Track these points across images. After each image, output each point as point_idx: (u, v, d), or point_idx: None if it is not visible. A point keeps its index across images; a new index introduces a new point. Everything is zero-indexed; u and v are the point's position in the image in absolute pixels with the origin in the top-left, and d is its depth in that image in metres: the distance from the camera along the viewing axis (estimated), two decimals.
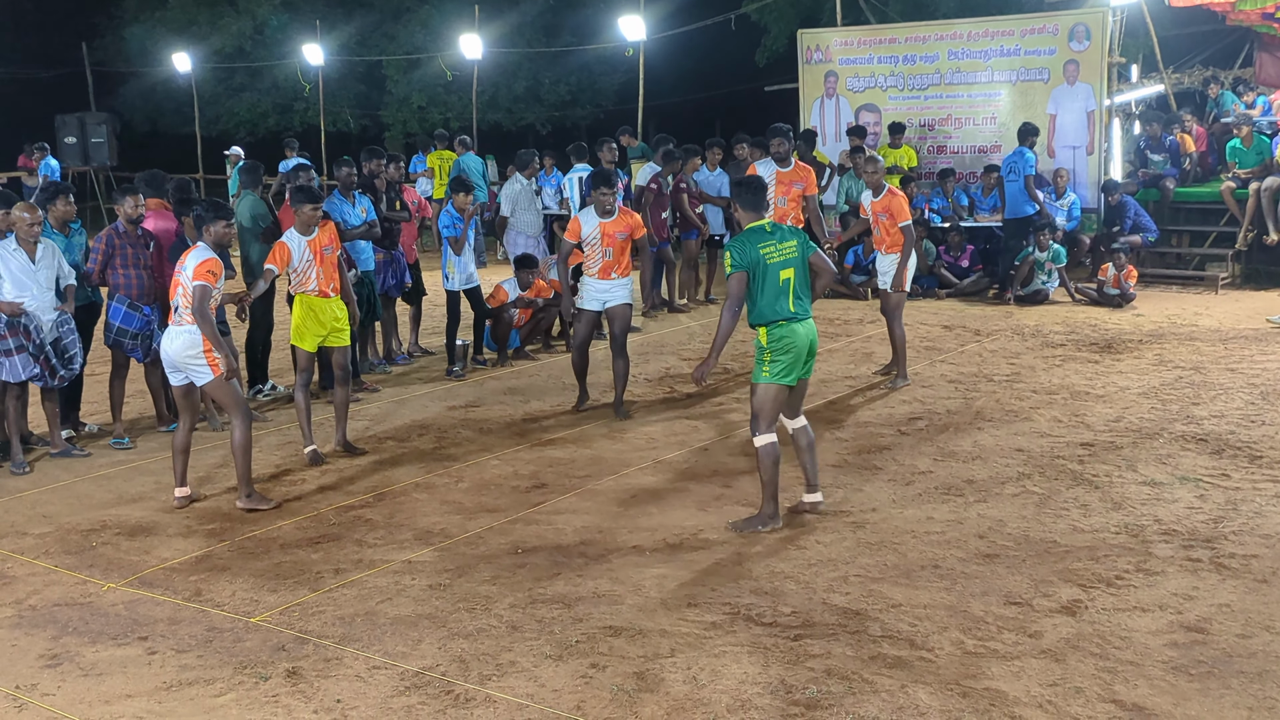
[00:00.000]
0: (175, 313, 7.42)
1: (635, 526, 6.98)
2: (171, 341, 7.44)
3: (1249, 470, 7.61)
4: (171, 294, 7.50)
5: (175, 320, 7.42)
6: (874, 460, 8.14)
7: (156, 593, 6.21)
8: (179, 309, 7.39)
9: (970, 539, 6.60)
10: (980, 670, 5.03)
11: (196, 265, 7.35)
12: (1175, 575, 6.00)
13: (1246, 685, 4.84)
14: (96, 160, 26.23)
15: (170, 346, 7.44)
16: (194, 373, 7.45)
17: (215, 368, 7.42)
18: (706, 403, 9.91)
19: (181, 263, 7.48)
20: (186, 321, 7.35)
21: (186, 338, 7.37)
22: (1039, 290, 14.23)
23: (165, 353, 7.52)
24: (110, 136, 26.38)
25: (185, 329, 7.37)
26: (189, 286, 7.33)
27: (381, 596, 6.04)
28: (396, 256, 11.62)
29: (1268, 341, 11.47)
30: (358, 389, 10.61)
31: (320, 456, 8.53)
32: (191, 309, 7.31)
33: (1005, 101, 15.93)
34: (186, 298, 7.34)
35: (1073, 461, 7.93)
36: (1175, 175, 15.60)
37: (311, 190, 8.62)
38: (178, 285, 7.43)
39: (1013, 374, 10.51)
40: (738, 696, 4.85)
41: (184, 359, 7.41)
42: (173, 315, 7.46)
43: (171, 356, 7.46)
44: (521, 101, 29.84)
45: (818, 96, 17.37)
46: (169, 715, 4.89)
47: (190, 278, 7.33)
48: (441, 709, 4.85)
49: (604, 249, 9.45)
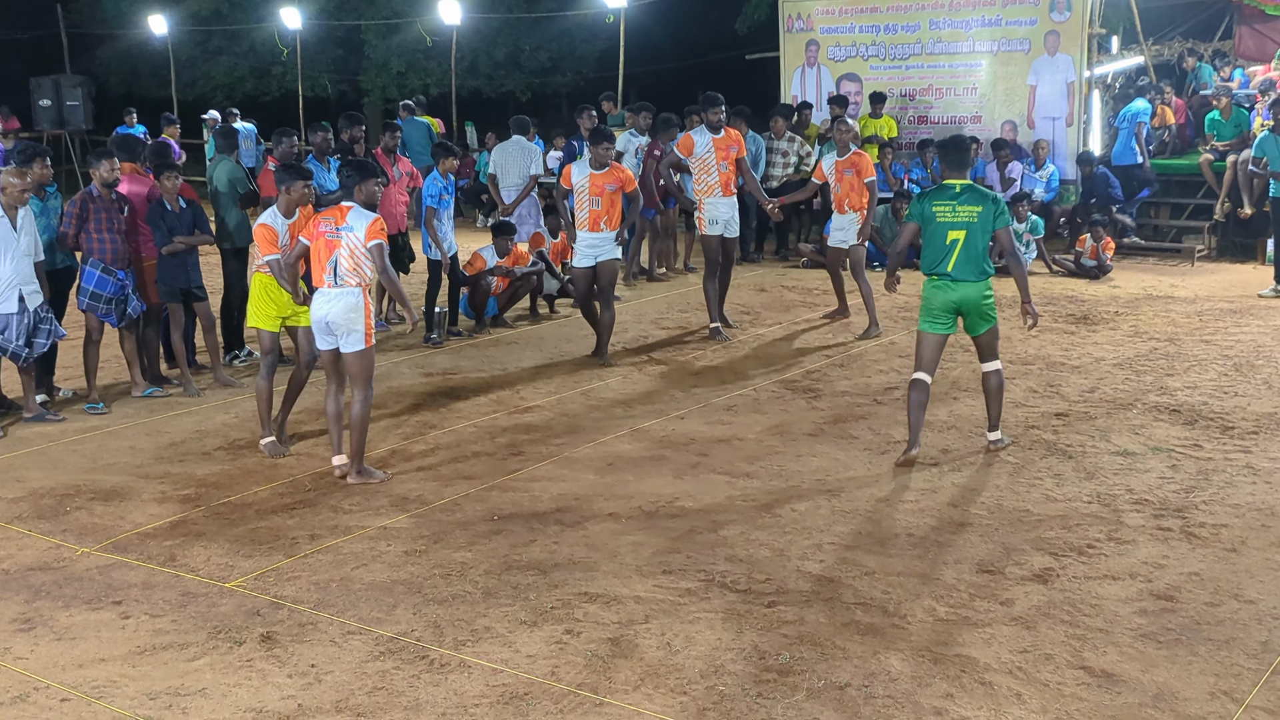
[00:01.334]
0: (331, 275, 7.12)
1: (611, 494, 7.00)
2: (331, 304, 7.14)
3: (1220, 441, 7.67)
4: (324, 256, 7.15)
5: (331, 283, 7.12)
6: (850, 429, 8.17)
7: (130, 558, 6.21)
8: (338, 271, 7.10)
9: (944, 507, 6.64)
10: (952, 637, 5.07)
11: (368, 226, 7.10)
12: (1146, 544, 6.05)
13: (1213, 652, 4.90)
14: (72, 123, 25.98)
15: (330, 309, 7.14)
16: (349, 336, 7.17)
17: (369, 338, 7.22)
18: (684, 371, 9.93)
19: (337, 223, 7.12)
20: (350, 284, 7.10)
21: (350, 300, 7.12)
22: None
23: (322, 316, 7.18)
24: (85, 99, 26.13)
25: (348, 291, 7.11)
26: (359, 248, 7.08)
27: (357, 562, 6.04)
28: None
29: (1242, 314, 11.54)
30: None
31: (279, 448, 7.96)
32: (376, 269, 7.12)
33: (986, 72, 15.93)
34: (353, 259, 7.09)
35: (1047, 431, 7.98)
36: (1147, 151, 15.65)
37: (302, 168, 8.37)
38: (333, 247, 7.10)
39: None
40: (711, 662, 4.88)
41: (345, 321, 7.13)
42: (324, 278, 7.15)
43: (330, 319, 7.15)
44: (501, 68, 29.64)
45: (799, 65, 17.33)
46: (143, 679, 4.90)
47: (363, 239, 7.07)
48: (416, 674, 4.87)
49: (592, 198, 10.04)
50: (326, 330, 7.23)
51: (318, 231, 7.21)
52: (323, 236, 7.18)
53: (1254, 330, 10.79)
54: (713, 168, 11.06)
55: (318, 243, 7.20)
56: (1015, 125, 15.63)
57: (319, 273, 7.19)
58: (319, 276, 7.20)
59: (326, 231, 7.17)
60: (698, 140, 11.13)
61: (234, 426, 8.59)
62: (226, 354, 10.48)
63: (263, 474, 7.53)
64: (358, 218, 7.14)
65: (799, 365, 10.02)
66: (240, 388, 9.67)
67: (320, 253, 7.18)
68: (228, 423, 8.70)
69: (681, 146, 11.25)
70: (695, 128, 11.78)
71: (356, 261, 7.11)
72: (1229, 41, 17.78)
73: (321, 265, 7.17)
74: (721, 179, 11.08)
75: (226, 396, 9.43)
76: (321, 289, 7.19)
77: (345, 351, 7.23)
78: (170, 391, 9.55)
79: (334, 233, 7.14)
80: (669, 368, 10.08)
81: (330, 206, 7.41)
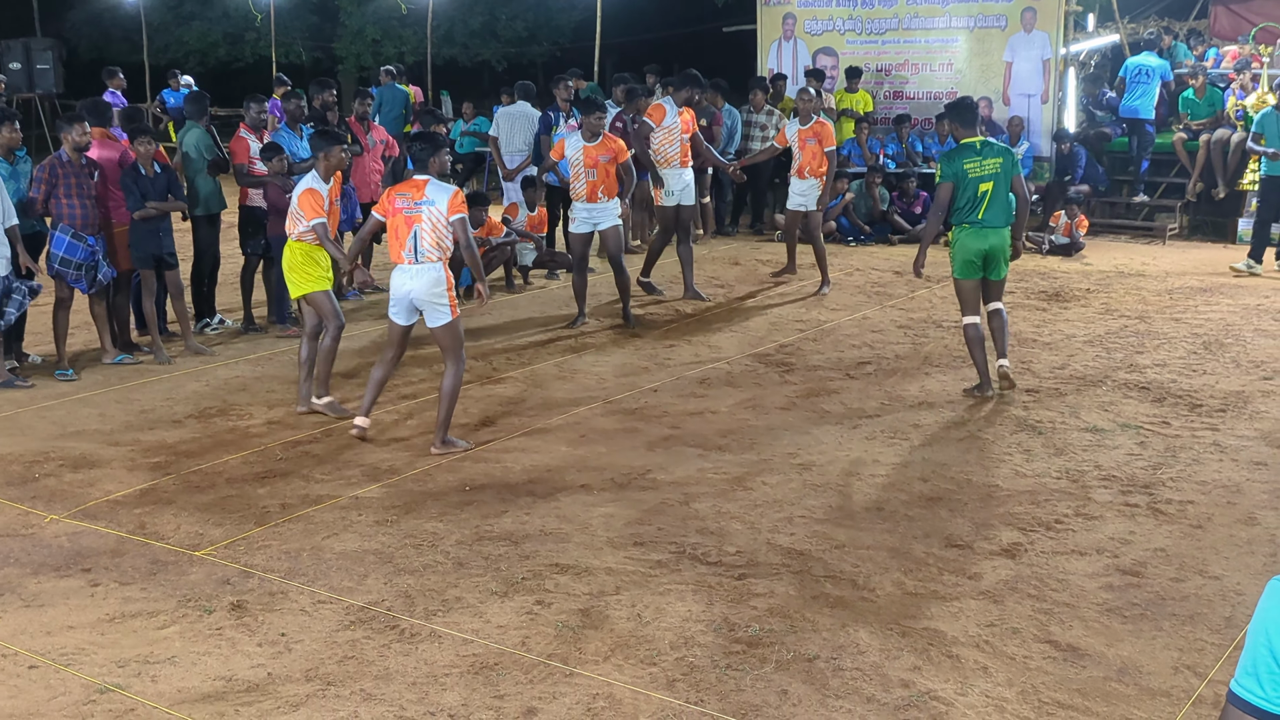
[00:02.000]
0: (412, 251, 7.02)
1: (584, 466, 7.01)
2: (415, 279, 7.05)
3: (1188, 418, 7.74)
4: (403, 232, 7.04)
5: (412, 259, 7.03)
6: (822, 404, 8.20)
7: (100, 525, 6.18)
8: (419, 247, 7.01)
9: (914, 482, 6.68)
10: (920, 610, 5.11)
11: (449, 199, 7.02)
12: (1113, 520, 6.11)
13: (1178, 627, 4.95)
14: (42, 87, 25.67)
15: (414, 285, 7.06)
16: (434, 311, 7.11)
17: (454, 309, 7.16)
18: (658, 345, 9.93)
19: (415, 198, 7.01)
20: (432, 259, 7.02)
21: (434, 274, 7.03)
22: None
23: (405, 293, 7.11)
24: (56, 63, 25.80)
25: (430, 266, 7.02)
26: (441, 221, 6.99)
27: (328, 532, 6.04)
28: (347, 191, 11.49)
29: (1212, 292, 11.62)
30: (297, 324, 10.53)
31: (341, 408, 7.99)
32: (459, 244, 7.04)
33: (962, 48, 15.92)
34: (436, 233, 6.99)
35: (1017, 407, 8.03)
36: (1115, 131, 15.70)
37: (337, 133, 8.28)
38: (412, 222, 6.99)
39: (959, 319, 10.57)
40: (681, 634, 4.90)
41: (429, 297, 7.06)
42: (402, 253, 7.05)
43: (413, 295, 7.09)
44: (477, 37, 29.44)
45: (776, 38, 17.28)
46: (111, 647, 4.88)
47: (446, 212, 6.99)
48: (386, 643, 4.87)
49: (587, 170, 10.23)
50: (408, 306, 7.18)
51: (394, 208, 7.08)
52: (400, 213, 7.05)
53: (1224, 309, 10.87)
54: (676, 139, 11.45)
55: (395, 219, 7.08)
56: (991, 102, 15.63)
57: (397, 249, 7.08)
58: (397, 253, 7.09)
59: (404, 207, 7.04)
60: (669, 111, 11.45)
61: (205, 395, 8.55)
62: (197, 322, 10.42)
63: (234, 443, 7.50)
64: (437, 191, 7.04)
65: (772, 339, 10.04)
66: (211, 355, 9.62)
67: (398, 229, 7.06)
68: (198, 390, 8.65)
69: (653, 115, 11.51)
70: (664, 98, 11.99)
71: (439, 235, 7.01)
72: (1204, 21, 17.83)
73: (400, 241, 7.06)
74: (682, 150, 11.54)
75: (198, 364, 9.38)
76: (401, 266, 7.09)
77: (433, 326, 7.18)
78: (141, 359, 9.50)
79: (413, 207, 7.02)
80: (643, 340, 10.08)
81: (403, 181, 7.28)
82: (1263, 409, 7.89)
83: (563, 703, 4.40)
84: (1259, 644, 2.12)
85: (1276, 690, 2.10)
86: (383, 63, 23.70)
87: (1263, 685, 2.11)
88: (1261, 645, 2.12)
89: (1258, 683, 2.12)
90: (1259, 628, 2.13)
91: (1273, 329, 10.06)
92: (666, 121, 11.38)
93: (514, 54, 30.72)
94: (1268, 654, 2.10)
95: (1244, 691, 2.14)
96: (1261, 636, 2.12)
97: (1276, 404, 7.99)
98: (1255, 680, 2.12)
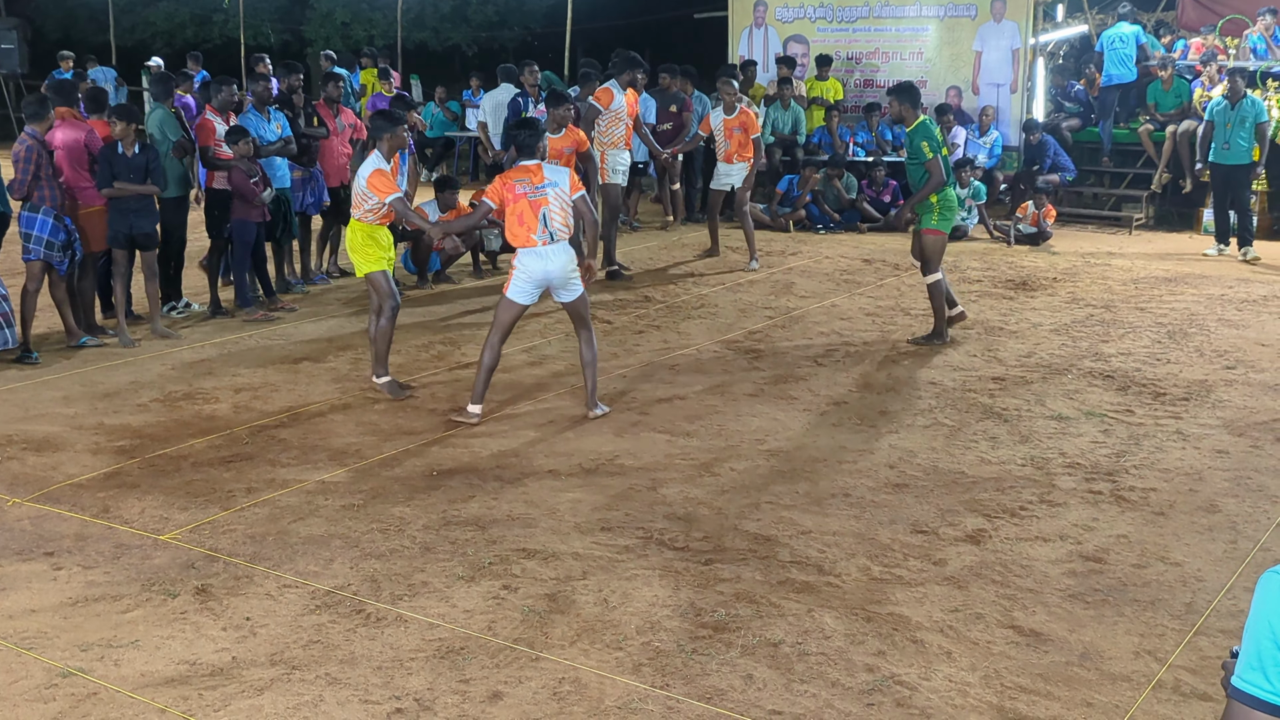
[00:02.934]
0: (545, 232, 7.23)
1: (551, 451, 7.00)
2: (553, 259, 7.29)
3: (1152, 407, 7.80)
4: (530, 216, 7.22)
5: (546, 239, 7.24)
6: (790, 390, 8.22)
7: (63, 509, 6.13)
8: (552, 227, 7.24)
9: (881, 469, 6.71)
10: (885, 596, 5.14)
11: (570, 178, 7.39)
12: (1077, 507, 6.15)
13: (1139, 613, 5.00)
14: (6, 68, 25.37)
15: (552, 264, 7.29)
16: (572, 286, 7.40)
17: (585, 280, 7.47)
18: (626, 330, 9.93)
19: (536, 181, 7.25)
20: (564, 237, 7.31)
21: (568, 252, 7.35)
22: (958, 227, 14.33)
23: (542, 274, 7.29)
24: (21, 43, 25.50)
25: (564, 245, 7.33)
26: (567, 199, 7.31)
27: (294, 516, 6.01)
28: (315, 174, 11.45)
29: (1177, 282, 11.72)
30: (273, 307, 10.49)
31: (400, 389, 8.06)
32: (586, 220, 7.52)
33: (932, 37, 15.97)
34: (564, 212, 7.29)
35: (984, 395, 8.07)
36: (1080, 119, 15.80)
37: (395, 113, 8.38)
38: (538, 205, 7.21)
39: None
40: (647, 618, 4.91)
41: (567, 274, 7.35)
42: (533, 236, 7.23)
43: (552, 274, 7.32)
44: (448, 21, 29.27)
45: (747, 26, 17.28)
46: (74, 630, 4.85)
47: (569, 190, 7.32)
48: (352, 628, 4.86)
49: (553, 162, 10.04)
50: (541, 285, 7.37)
51: (515, 194, 7.26)
52: (523, 198, 7.24)
53: (1188, 299, 10.96)
54: (622, 122, 11.87)
55: (518, 204, 7.24)
56: (960, 91, 15.70)
57: (526, 233, 7.25)
58: (527, 236, 7.25)
59: (526, 192, 7.24)
60: (616, 95, 11.75)
61: (170, 378, 8.49)
62: (163, 305, 10.35)
63: (199, 426, 7.46)
64: (555, 172, 7.38)
65: (741, 326, 10.06)
66: (177, 339, 9.56)
67: (523, 213, 7.24)
68: (163, 374, 8.60)
69: (600, 98, 11.75)
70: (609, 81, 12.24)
71: (566, 214, 7.31)
72: (1172, 13, 17.93)
73: (529, 225, 7.24)
74: (626, 133, 11.96)
75: (163, 348, 9.32)
76: (534, 248, 7.26)
77: (569, 300, 7.47)
78: (105, 341, 9.42)
79: (536, 191, 7.24)
80: (612, 326, 10.07)
81: (515, 168, 7.45)
82: (1225, 397, 7.97)
83: (529, 686, 4.40)
84: (1262, 636, 2.08)
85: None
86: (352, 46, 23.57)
87: (1269, 678, 2.07)
88: (1265, 637, 2.08)
89: (1264, 676, 2.08)
90: (1260, 620, 2.09)
91: (1236, 319, 10.16)
92: (614, 105, 11.70)
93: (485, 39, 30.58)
94: (1272, 645, 2.07)
95: (1250, 686, 2.10)
96: (1264, 628, 2.08)
97: (1238, 393, 8.07)
98: (1261, 674, 2.08)
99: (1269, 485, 6.44)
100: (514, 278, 7.36)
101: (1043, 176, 14.70)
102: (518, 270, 7.34)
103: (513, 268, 7.39)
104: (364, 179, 7.78)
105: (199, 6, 29.18)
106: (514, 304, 7.42)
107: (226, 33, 28.71)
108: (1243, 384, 8.26)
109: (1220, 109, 12.94)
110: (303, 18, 29.58)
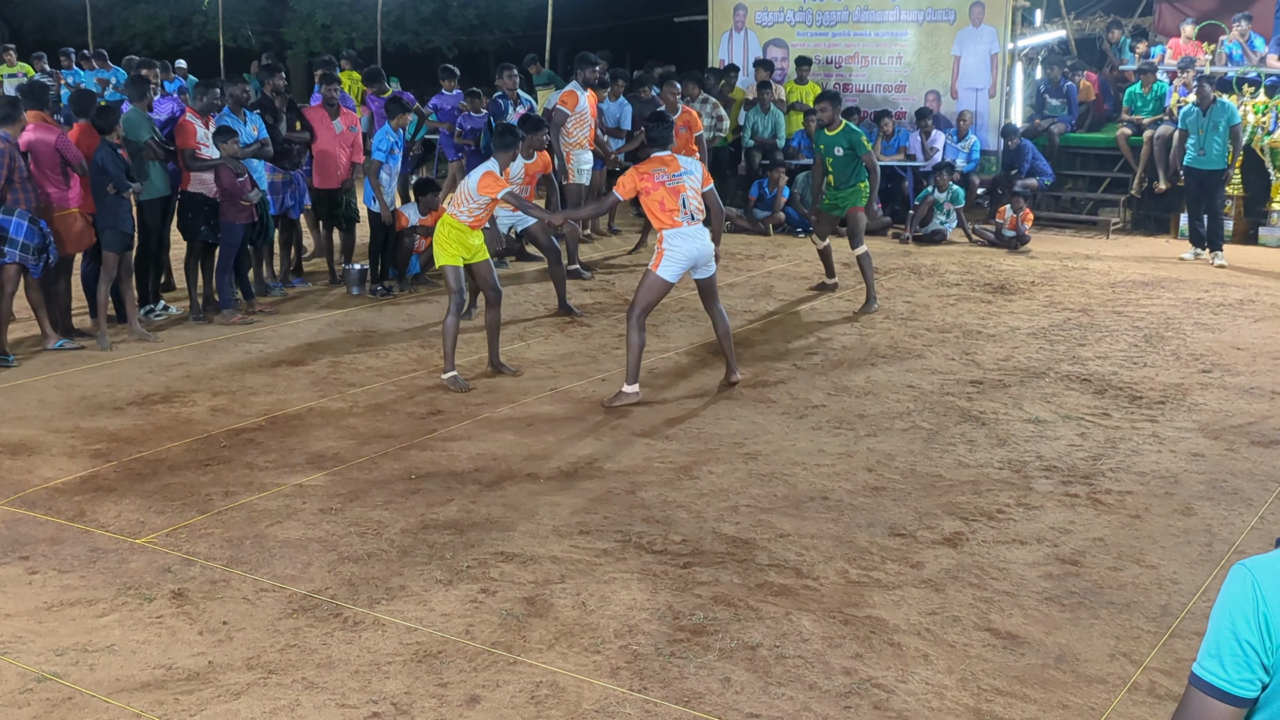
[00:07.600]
0: (687, 215, 7.86)
1: (531, 454, 7.00)
2: (699, 238, 7.94)
3: (1128, 410, 7.84)
4: (671, 202, 7.81)
5: (689, 221, 7.87)
6: (769, 394, 8.23)
7: (39, 512, 6.10)
8: (692, 210, 7.88)
9: (859, 472, 6.73)
10: (863, 599, 5.16)
11: (703, 171, 8.07)
12: (1053, 510, 6.18)
13: (1115, 615, 5.03)
14: None
15: (700, 242, 7.94)
16: (710, 264, 8.09)
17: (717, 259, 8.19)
18: (606, 334, 9.94)
19: (673, 169, 7.84)
20: (700, 220, 7.94)
21: (707, 233, 8.01)
22: (937, 230, 14.42)
23: (694, 252, 7.90)
24: None
25: (703, 226, 7.97)
26: (699, 188, 7.96)
27: (271, 520, 5.99)
28: (296, 178, 11.42)
29: (1154, 286, 11.78)
30: (251, 310, 10.46)
31: (463, 383, 8.33)
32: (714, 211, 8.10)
33: (911, 41, 16.01)
34: (697, 198, 7.94)
35: (961, 399, 8.10)
36: (1070, 122, 15.84)
37: (514, 128, 8.73)
38: (678, 191, 7.82)
39: (908, 312, 10.68)
40: (626, 622, 4.92)
41: (708, 254, 8.02)
42: (678, 219, 7.82)
43: (700, 253, 7.95)
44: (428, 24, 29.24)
45: (727, 29, 17.30)
46: (49, 635, 4.83)
47: (701, 182, 7.97)
48: (330, 631, 4.85)
49: (523, 188, 10.58)
50: (690, 263, 7.95)
51: (655, 183, 7.85)
52: (662, 186, 7.86)
53: (1164, 303, 11.02)
54: (586, 124, 12.41)
55: (658, 192, 7.84)
56: (939, 95, 15.75)
57: (669, 217, 7.85)
58: (670, 219, 7.86)
59: (665, 181, 7.86)
60: (580, 96, 12.17)
61: (147, 381, 8.46)
62: (142, 308, 10.30)
63: (176, 429, 7.43)
64: (689, 163, 8.03)
65: None
66: (155, 341, 9.52)
67: (664, 200, 7.84)
68: (140, 377, 8.56)
69: (566, 101, 12.08)
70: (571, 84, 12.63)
71: (699, 200, 7.94)
72: (1149, 18, 18.03)
73: (672, 209, 7.85)
74: (590, 134, 12.58)
75: (140, 350, 9.28)
76: (680, 229, 7.87)
77: (704, 277, 8.13)
78: (82, 344, 9.38)
79: (673, 179, 7.87)
80: (591, 329, 10.08)
81: (651, 159, 8.02)
82: (1201, 401, 8.01)
83: (506, 690, 4.40)
84: (1222, 627, 2.16)
85: (1239, 672, 2.14)
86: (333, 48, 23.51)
87: (1225, 667, 2.15)
88: (1225, 628, 2.16)
89: (1220, 665, 2.16)
90: (1223, 611, 2.17)
91: (1212, 323, 10.22)
92: (580, 107, 12.13)
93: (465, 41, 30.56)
94: (1231, 637, 2.15)
95: (1206, 674, 2.18)
96: (1225, 619, 2.16)
97: (1214, 396, 8.12)
98: (1218, 662, 2.16)
99: (1244, 488, 6.48)
100: (664, 257, 7.88)
101: (1021, 181, 14.76)
102: (668, 250, 7.86)
103: (660, 250, 7.88)
104: (475, 180, 8.18)
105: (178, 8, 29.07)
106: (665, 282, 7.95)
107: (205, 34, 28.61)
108: (1218, 388, 8.31)
109: (1193, 116, 13.04)
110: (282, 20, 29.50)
